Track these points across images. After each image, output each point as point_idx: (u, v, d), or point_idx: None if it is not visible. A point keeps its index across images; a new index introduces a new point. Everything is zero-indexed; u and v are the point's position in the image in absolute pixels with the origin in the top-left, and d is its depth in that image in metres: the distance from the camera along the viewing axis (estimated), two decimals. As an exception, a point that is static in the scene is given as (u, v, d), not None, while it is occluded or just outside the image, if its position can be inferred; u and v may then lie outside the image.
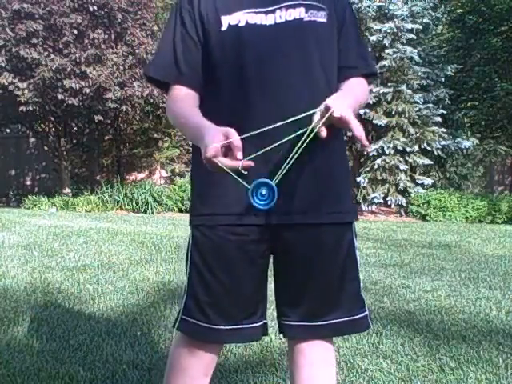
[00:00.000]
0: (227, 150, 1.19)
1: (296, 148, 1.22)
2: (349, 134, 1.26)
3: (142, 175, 13.94)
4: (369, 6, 11.66)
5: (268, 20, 1.35)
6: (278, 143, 1.24)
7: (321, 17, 1.38)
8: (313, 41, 1.36)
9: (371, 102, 11.00)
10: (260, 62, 1.34)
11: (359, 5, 11.66)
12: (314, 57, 1.37)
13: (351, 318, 1.42)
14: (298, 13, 1.35)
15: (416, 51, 11.32)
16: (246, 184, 1.20)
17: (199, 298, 1.41)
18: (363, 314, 1.44)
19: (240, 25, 1.35)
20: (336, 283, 1.41)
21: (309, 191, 1.37)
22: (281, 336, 1.56)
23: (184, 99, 1.42)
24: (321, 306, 1.41)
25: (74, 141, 12.78)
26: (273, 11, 1.35)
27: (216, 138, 1.19)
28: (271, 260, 1.46)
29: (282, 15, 1.35)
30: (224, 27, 1.36)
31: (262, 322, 1.45)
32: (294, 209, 1.36)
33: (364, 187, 11.26)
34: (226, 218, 1.37)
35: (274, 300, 1.48)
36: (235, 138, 1.17)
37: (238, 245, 1.37)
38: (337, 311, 1.41)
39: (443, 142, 11.22)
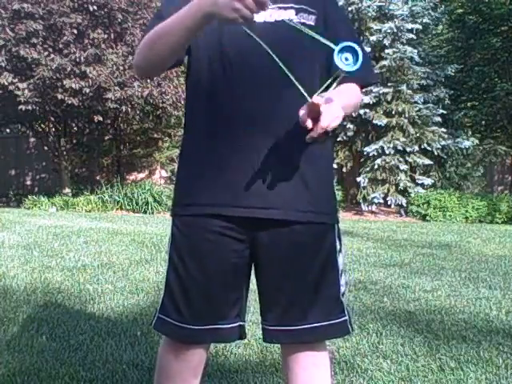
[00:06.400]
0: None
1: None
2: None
3: (141, 175, 13.93)
4: (369, 6, 11.67)
5: (258, 17, 1.33)
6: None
7: (310, 20, 1.40)
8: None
9: (371, 102, 11.00)
10: (244, 54, 1.35)
11: (359, 5, 11.66)
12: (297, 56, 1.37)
13: (329, 322, 1.40)
14: (288, 15, 1.37)
15: (416, 51, 11.32)
16: (331, 44, 1.18)
17: (175, 295, 1.41)
18: (342, 319, 1.42)
19: None
20: (312, 286, 1.39)
21: (286, 189, 1.36)
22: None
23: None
24: (297, 310, 1.39)
25: (74, 141, 12.77)
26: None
27: None
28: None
29: (273, 15, 1.37)
30: None
31: (237, 324, 1.43)
32: (268, 204, 1.35)
33: (364, 187, 11.25)
34: (198, 208, 1.37)
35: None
36: None
37: (212, 240, 1.36)
38: (314, 315, 1.39)
39: (443, 142, 11.22)
